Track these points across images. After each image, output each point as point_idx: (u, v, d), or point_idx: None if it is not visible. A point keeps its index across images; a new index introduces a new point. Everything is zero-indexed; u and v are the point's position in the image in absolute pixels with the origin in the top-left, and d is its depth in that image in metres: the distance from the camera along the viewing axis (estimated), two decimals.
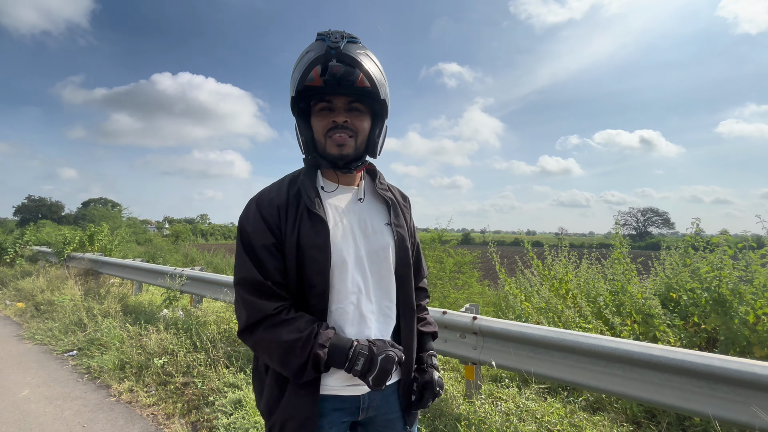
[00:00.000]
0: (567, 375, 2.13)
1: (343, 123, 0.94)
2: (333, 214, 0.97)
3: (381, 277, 0.98)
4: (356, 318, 0.94)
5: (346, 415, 0.95)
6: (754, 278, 3.15)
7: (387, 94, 0.97)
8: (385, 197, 1.04)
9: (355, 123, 0.95)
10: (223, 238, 65.98)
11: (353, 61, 0.88)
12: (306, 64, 0.89)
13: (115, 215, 13.04)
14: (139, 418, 2.65)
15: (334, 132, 0.94)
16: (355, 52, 0.89)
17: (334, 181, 1.03)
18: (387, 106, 0.99)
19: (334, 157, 0.95)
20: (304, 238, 0.92)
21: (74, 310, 4.90)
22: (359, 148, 0.98)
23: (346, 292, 0.94)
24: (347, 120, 0.94)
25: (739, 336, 2.91)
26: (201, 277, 4.76)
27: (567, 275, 4.38)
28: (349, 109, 0.95)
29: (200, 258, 13.36)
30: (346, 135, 0.94)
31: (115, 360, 3.41)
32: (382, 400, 0.99)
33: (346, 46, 0.88)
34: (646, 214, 75.38)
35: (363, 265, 0.96)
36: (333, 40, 0.88)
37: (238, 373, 3.02)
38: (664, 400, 1.84)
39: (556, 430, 2.15)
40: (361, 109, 0.96)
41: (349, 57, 0.88)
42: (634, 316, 3.51)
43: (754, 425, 1.60)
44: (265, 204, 0.95)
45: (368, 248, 0.98)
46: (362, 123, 0.97)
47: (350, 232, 0.97)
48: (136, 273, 6.11)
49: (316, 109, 0.97)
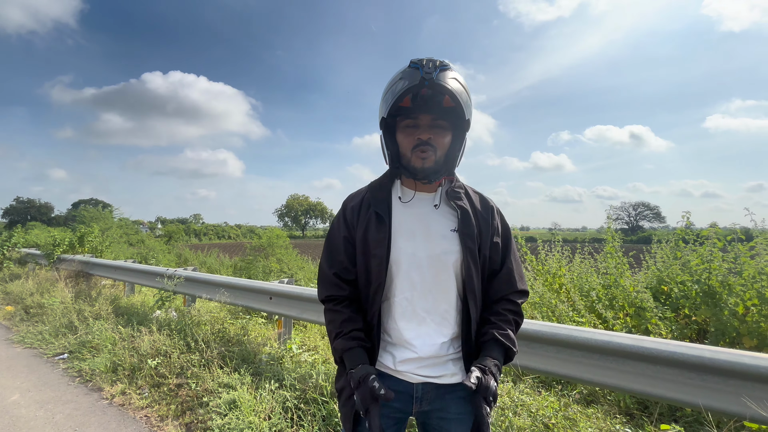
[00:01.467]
0: (561, 369, 2.14)
1: (427, 140, 1.02)
2: (401, 216, 1.07)
3: (439, 281, 1.03)
4: (409, 313, 1.04)
5: (398, 401, 1.02)
6: (743, 270, 3.20)
7: (471, 113, 1.04)
8: (456, 206, 1.07)
9: (438, 140, 1.03)
10: (216, 238, 65.47)
11: (444, 90, 0.95)
12: (400, 92, 0.97)
13: (106, 216, 12.85)
14: (132, 421, 2.62)
15: (419, 148, 1.02)
16: (445, 80, 0.96)
17: (411, 188, 1.12)
18: (470, 124, 1.06)
19: (416, 170, 1.04)
20: (370, 233, 1.05)
21: (65, 312, 4.83)
22: (439, 161, 1.05)
23: (402, 288, 1.04)
24: (431, 137, 1.02)
25: (729, 327, 2.96)
26: (194, 278, 4.71)
27: (560, 270, 4.42)
28: (433, 126, 1.03)
29: (193, 258, 13.24)
30: (429, 151, 1.02)
31: (107, 362, 3.37)
32: (437, 396, 1.03)
33: (438, 76, 0.95)
34: (637, 208, 76.32)
35: (421, 265, 1.03)
36: (426, 70, 0.94)
37: (232, 374, 3.00)
38: (656, 391, 1.86)
39: (551, 423, 2.17)
40: (444, 126, 1.04)
41: (440, 86, 0.95)
42: (626, 309, 3.54)
43: (744, 415, 1.63)
44: (347, 204, 1.14)
45: (430, 251, 1.04)
46: (444, 140, 1.05)
47: (412, 234, 1.05)
48: (128, 274, 6.04)
49: (402, 125, 1.06)
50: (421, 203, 1.09)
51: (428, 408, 1.03)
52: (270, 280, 5.14)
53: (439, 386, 1.02)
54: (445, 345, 1.03)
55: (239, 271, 9.09)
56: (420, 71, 0.95)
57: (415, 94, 1.00)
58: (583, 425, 2.12)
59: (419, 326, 1.03)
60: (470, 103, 1.03)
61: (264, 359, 3.26)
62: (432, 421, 1.05)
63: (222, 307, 4.69)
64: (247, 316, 4.57)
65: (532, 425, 2.13)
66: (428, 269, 1.03)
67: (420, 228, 1.06)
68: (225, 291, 4.14)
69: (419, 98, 1.01)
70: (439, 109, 1.03)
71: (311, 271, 9.03)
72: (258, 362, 3.25)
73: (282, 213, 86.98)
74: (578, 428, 2.10)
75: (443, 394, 1.02)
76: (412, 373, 1.02)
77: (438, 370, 1.02)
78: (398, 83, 0.98)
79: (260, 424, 2.35)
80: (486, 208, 1.13)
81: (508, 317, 1.07)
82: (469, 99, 1.02)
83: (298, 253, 10.28)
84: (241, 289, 4.08)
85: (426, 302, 1.03)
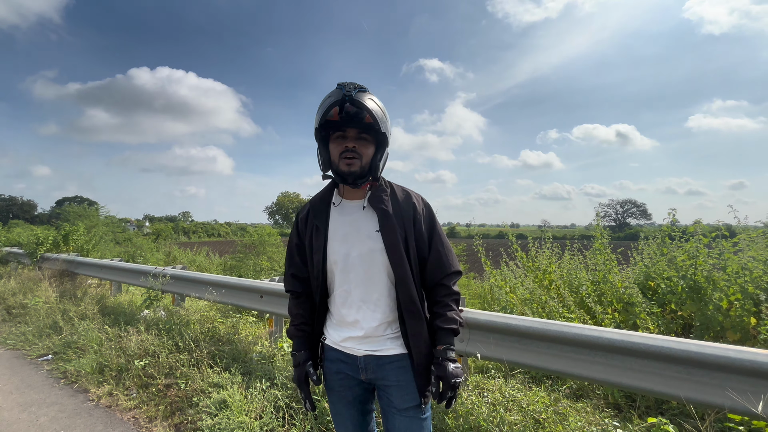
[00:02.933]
0: (551, 364, 2.17)
1: (352, 148, 1.23)
2: (335, 223, 1.29)
3: (371, 274, 1.24)
4: (348, 302, 1.27)
5: (348, 369, 1.28)
6: (726, 266, 3.27)
7: (388, 129, 1.25)
8: (377, 208, 1.25)
9: (361, 149, 1.24)
10: (206, 236, 64.63)
11: (361, 105, 1.17)
12: (327, 105, 1.19)
13: (91, 214, 12.56)
14: (120, 422, 2.58)
15: (345, 155, 1.23)
16: (363, 99, 1.18)
17: (342, 196, 1.34)
18: (387, 138, 1.26)
19: (344, 173, 1.24)
20: (312, 240, 1.30)
21: (49, 312, 4.72)
22: (364, 168, 1.25)
23: (340, 282, 1.28)
24: (355, 146, 1.23)
25: (714, 321, 3.02)
26: (183, 276, 4.64)
27: (550, 266, 4.46)
28: (358, 138, 1.24)
29: (182, 256, 13.04)
30: (355, 158, 1.23)
31: (93, 363, 3.30)
32: (378, 366, 1.25)
33: (357, 95, 1.17)
34: (624, 205, 77.64)
35: (354, 263, 1.24)
36: (347, 90, 1.17)
37: (222, 373, 2.96)
38: (643, 385, 1.89)
39: (541, 418, 2.19)
40: (367, 138, 1.25)
41: (358, 102, 1.17)
42: (615, 304, 3.60)
43: (727, 407, 1.66)
44: (298, 216, 1.40)
45: (360, 250, 1.24)
46: (367, 150, 1.25)
47: (344, 237, 1.26)
48: (114, 273, 5.92)
49: (333, 137, 1.27)
50: (352, 209, 1.30)
51: (372, 376, 1.26)
52: (261, 279, 5.09)
53: (379, 357, 1.25)
54: (381, 327, 1.25)
55: (229, 269, 8.99)
56: (342, 90, 1.17)
57: (341, 109, 1.21)
58: (573, 419, 2.15)
59: (357, 312, 1.26)
60: (386, 120, 1.24)
61: (255, 358, 3.23)
62: (379, 389, 1.29)
63: (212, 306, 4.64)
64: (238, 314, 4.52)
65: (523, 420, 2.14)
66: (360, 265, 1.24)
67: (351, 231, 1.27)
68: (215, 290, 4.08)
69: (345, 114, 1.23)
70: (362, 125, 1.24)
71: None
72: (249, 361, 3.21)
73: (273, 210, 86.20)
74: (568, 422, 2.12)
75: (383, 364, 1.25)
76: (355, 348, 1.27)
77: (376, 345, 1.25)
78: (327, 100, 1.20)
79: (251, 423, 2.33)
80: (408, 204, 1.30)
81: (446, 301, 1.26)
82: (385, 116, 1.23)
83: None
84: (232, 287, 4.03)
85: (360, 292, 1.25)
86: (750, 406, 1.60)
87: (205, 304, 4.73)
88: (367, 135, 1.25)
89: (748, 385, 1.65)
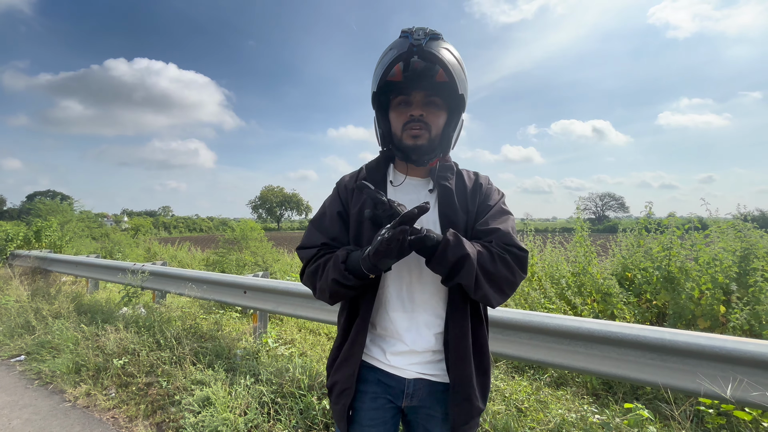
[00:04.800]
0: (533, 354, 2.22)
1: (419, 116, 0.98)
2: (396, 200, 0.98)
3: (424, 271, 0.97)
4: (400, 305, 0.99)
5: (389, 393, 1.00)
6: (698, 257, 3.41)
7: (466, 89, 0.99)
8: (440, 186, 1.02)
9: (430, 118, 0.99)
10: (187, 231, 63.22)
11: (434, 58, 0.91)
12: (388, 61, 0.92)
13: (64, 209, 12.07)
14: (98, 423, 2.51)
15: (410, 125, 0.99)
16: (437, 49, 0.91)
17: (403, 172, 1.08)
18: (465, 100, 1.00)
19: (409, 147, 1.00)
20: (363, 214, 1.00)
21: (20, 311, 4.53)
22: (433, 140, 1.01)
23: (393, 277, 0.99)
24: (423, 114, 0.99)
25: (686, 310, 3.15)
26: (164, 272, 4.52)
27: (532, 259, 4.56)
28: (426, 104, 0.99)
29: (163, 252, 12.70)
30: (422, 128, 0.98)
31: (69, 363, 3.19)
32: (429, 393, 0.99)
33: (428, 44, 0.91)
34: (603, 198, 79.85)
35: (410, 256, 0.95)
36: (416, 37, 0.90)
37: (206, 370, 2.92)
38: (620, 372, 1.96)
39: (524, 407, 2.25)
40: (437, 103, 1.00)
41: (430, 54, 0.90)
42: (594, 295, 3.71)
43: (698, 392, 1.74)
44: (342, 183, 1.11)
45: None
46: (437, 118, 1.00)
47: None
48: (91, 270, 5.72)
49: (395, 103, 1.02)
50: (415, 189, 1.05)
51: (417, 404, 1.00)
52: (244, 274, 5.02)
53: (432, 383, 0.99)
54: (437, 337, 0.99)
55: (212, 264, 8.82)
56: (409, 38, 0.91)
57: (407, 65, 0.95)
58: (554, 407, 2.21)
59: (411, 319, 0.98)
60: (465, 78, 0.97)
61: (239, 354, 3.19)
62: (419, 418, 1.01)
63: (194, 302, 4.54)
64: (221, 311, 4.45)
65: (506, 409, 2.19)
66: (415, 260, 0.98)
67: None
68: (196, 286, 4.00)
69: (411, 71, 0.96)
70: (431, 85, 0.98)
71: (287, 263, 8.90)
72: (233, 357, 3.17)
73: (256, 205, 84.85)
74: (549, 410, 2.18)
75: (434, 392, 0.99)
76: (405, 367, 0.98)
77: (431, 368, 0.99)
78: (388, 54, 0.94)
79: (235, 420, 2.31)
80: (476, 186, 1.07)
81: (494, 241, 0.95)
82: (463, 73, 0.97)
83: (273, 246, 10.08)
84: (214, 283, 3.95)
85: (416, 293, 0.99)
86: (719, 390, 1.68)
87: (187, 301, 4.64)
88: (438, 98, 1.00)
89: (717, 371, 1.73)
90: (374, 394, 0.99)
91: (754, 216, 4.06)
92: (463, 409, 0.95)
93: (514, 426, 2.06)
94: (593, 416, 2.11)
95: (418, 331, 0.98)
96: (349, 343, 0.99)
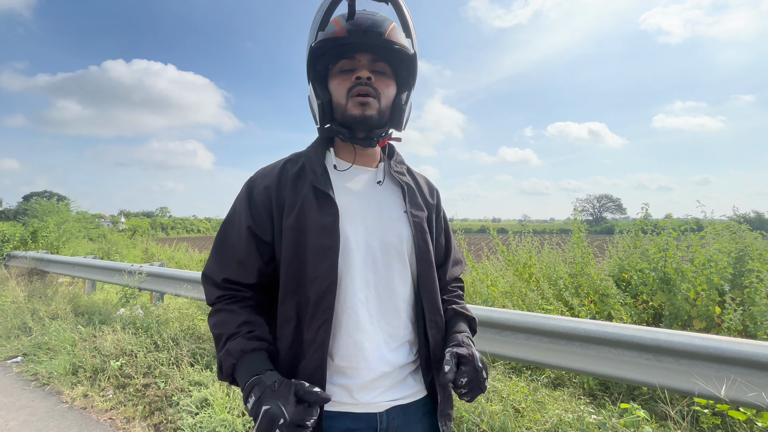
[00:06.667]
0: (530, 355, 2.23)
1: (367, 80, 0.80)
2: (344, 195, 0.83)
3: (393, 275, 0.82)
4: (364, 321, 0.78)
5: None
6: (694, 258, 3.44)
7: (416, 50, 0.84)
8: (400, 182, 0.89)
9: (379, 84, 0.82)
10: (185, 232, 63.06)
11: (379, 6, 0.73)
12: (326, 7, 0.76)
13: (61, 209, 12.02)
14: (96, 424, 2.50)
15: (356, 89, 0.80)
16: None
17: (349, 159, 0.88)
18: (416, 69, 0.86)
19: (356, 118, 0.80)
20: (308, 218, 0.78)
21: (17, 312, 4.51)
22: (383, 112, 0.83)
23: (355, 289, 0.78)
24: (371, 77, 0.80)
25: (682, 311, 3.18)
26: (161, 273, 4.51)
27: (530, 260, 4.58)
28: (374, 69, 0.82)
29: (161, 253, 12.67)
30: (368, 94, 0.80)
31: (66, 364, 3.18)
32: (404, 419, 0.81)
33: None
34: (601, 200, 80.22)
35: (375, 256, 0.81)
36: None
37: (204, 371, 2.91)
38: (617, 373, 1.97)
39: (521, 407, 2.26)
40: (386, 72, 0.84)
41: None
42: (591, 296, 3.73)
43: (694, 392, 1.76)
44: (257, 184, 0.84)
45: (382, 238, 0.82)
46: (387, 87, 0.83)
47: (361, 218, 0.82)
48: (88, 271, 5.70)
49: (336, 70, 0.83)
50: (362, 178, 0.88)
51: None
52: None
53: (405, 407, 0.81)
54: (403, 352, 0.83)
55: None
56: None
57: (352, 12, 0.78)
58: (551, 407, 2.22)
59: (376, 336, 0.79)
60: (415, 36, 0.83)
61: None
62: None
63: (191, 303, 4.54)
64: None
65: (503, 410, 2.20)
66: (381, 261, 0.82)
67: (369, 209, 0.84)
68: (194, 286, 3.99)
69: (356, 27, 0.78)
70: (380, 46, 0.80)
71: None
72: None
73: None
74: (546, 410, 2.20)
75: (409, 415, 0.82)
76: (376, 400, 0.78)
77: (402, 389, 0.82)
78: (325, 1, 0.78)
79: (233, 421, 2.31)
80: (431, 189, 0.98)
81: (459, 292, 0.99)
82: (413, 32, 0.83)
83: None
84: None
85: (381, 304, 0.81)
86: (714, 390, 1.69)
87: (185, 302, 4.63)
88: (386, 64, 0.83)
89: (712, 371, 1.74)
90: None
91: (749, 218, 4.10)
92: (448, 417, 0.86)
93: (511, 426, 2.07)
94: (590, 416, 2.12)
95: (388, 347, 0.81)
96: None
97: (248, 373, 0.71)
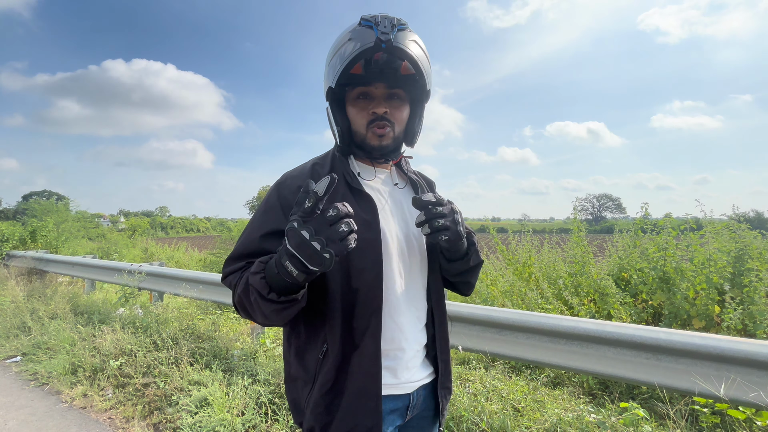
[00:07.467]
0: (530, 354, 2.23)
1: (383, 114, 0.88)
2: (373, 194, 0.91)
3: (414, 263, 0.93)
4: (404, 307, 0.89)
5: (398, 417, 0.89)
6: (693, 257, 3.44)
7: (431, 82, 0.91)
8: (413, 179, 1.01)
9: (394, 113, 0.90)
10: (184, 231, 63.00)
11: (403, 54, 0.81)
12: (350, 57, 0.80)
13: (60, 209, 12.01)
14: (95, 424, 2.50)
15: (375, 124, 0.88)
16: (405, 43, 0.81)
17: (367, 163, 0.98)
18: (430, 94, 0.94)
19: (373, 148, 0.90)
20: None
21: (16, 312, 4.51)
22: (398, 138, 0.93)
23: (394, 278, 0.88)
24: (387, 111, 0.88)
25: (681, 310, 3.18)
26: (161, 273, 4.51)
27: (530, 259, 4.58)
28: (389, 97, 0.90)
29: (160, 252, 12.65)
30: (387, 127, 0.89)
31: (65, 364, 3.18)
32: (425, 397, 0.94)
33: (396, 37, 0.80)
34: (600, 199, 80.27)
35: (403, 248, 0.91)
36: (382, 30, 0.79)
37: (203, 371, 2.91)
38: (616, 372, 1.97)
39: (520, 406, 2.26)
40: (401, 96, 0.91)
41: (399, 50, 0.80)
42: (590, 295, 3.73)
43: (693, 391, 1.76)
44: (288, 185, 0.89)
45: (406, 231, 0.93)
46: (402, 113, 0.92)
47: (391, 214, 0.93)
48: (87, 270, 5.70)
49: (352, 96, 0.90)
50: (381, 179, 0.98)
51: (416, 413, 0.94)
52: None
53: (425, 386, 0.94)
54: (424, 333, 0.95)
55: (209, 265, 8.80)
56: (375, 31, 0.79)
57: (369, 59, 0.83)
58: (550, 406, 2.22)
59: (411, 319, 0.91)
60: (431, 72, 0.91)
61: (236, 355, 3.19)
62: (413, 421, 0.95)
63: (191, 302, 4.54)
64: (218, 311, 4.44)
65: (503, 409, 2.21)
66: (407, 252, 0.93)
67: (394, 206, 0.95)
68: (194, 286, 3.99)
69: (373, 64, 0.84)
70: (395, 77, 0.87)
71: None
72: (230, 358, 3.17)
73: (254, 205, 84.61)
74: (545, 410, 2.20)
75: (427, 393, 0.95)
76: (413, 378, 0.90)
77: (424, 368, 0.94)
78: (347, 45, 0.81)
79: (233, 420, 2.31)
80: (428, 183, 1.09)
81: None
82: (429, 66, 0.89)
83: None
84: (211, 283, 3.95)
85: (409, 290, 0.92)
86: (713, 389, 1.70)
87: (184, 301, 4.63)
88: (400, 90, 0.90)
89: (712, 370, 1.75)
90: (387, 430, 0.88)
91: (748, 217, 4.10)
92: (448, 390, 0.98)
93: (510, 425, 2.07)
94: (589, 415, 2.12)
95: (416, 328, 0.93)
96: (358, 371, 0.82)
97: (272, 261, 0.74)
